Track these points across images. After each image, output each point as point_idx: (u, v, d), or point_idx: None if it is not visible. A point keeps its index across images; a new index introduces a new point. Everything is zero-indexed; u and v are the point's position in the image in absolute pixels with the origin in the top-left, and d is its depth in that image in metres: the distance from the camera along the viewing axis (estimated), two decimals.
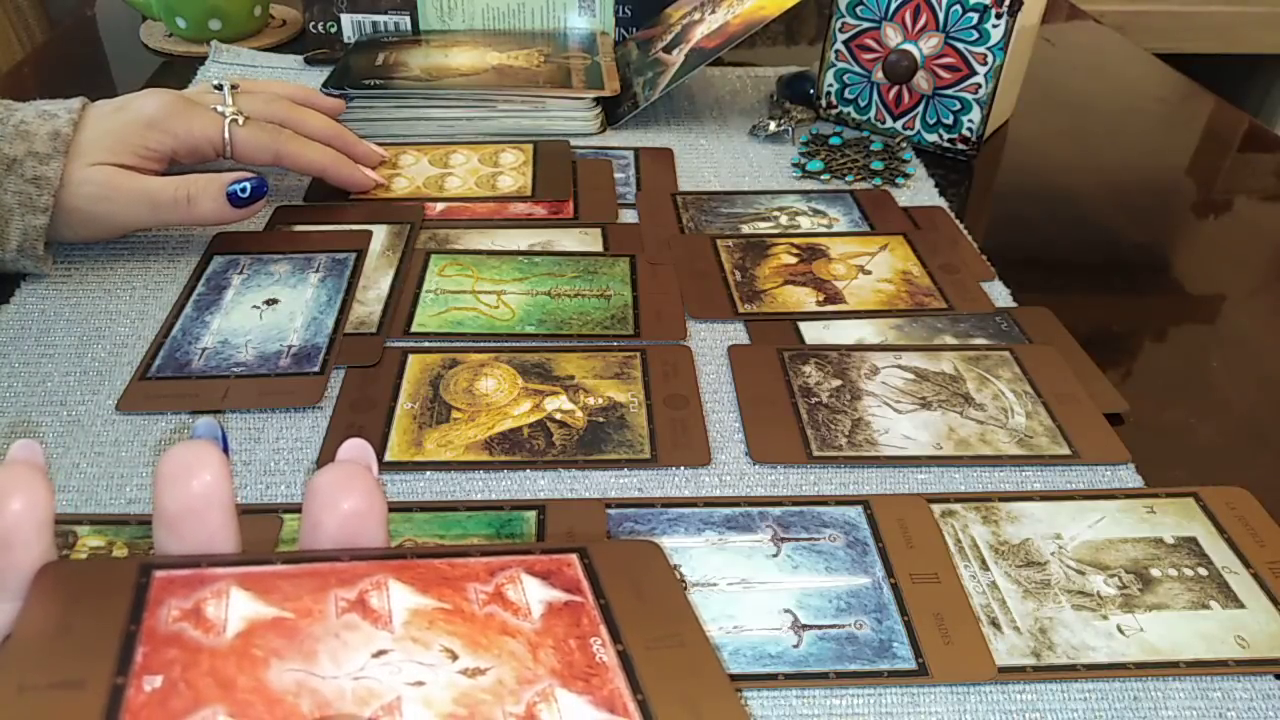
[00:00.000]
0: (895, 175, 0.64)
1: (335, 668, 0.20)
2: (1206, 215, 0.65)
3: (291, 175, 0.61)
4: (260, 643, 0.20)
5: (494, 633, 0.22)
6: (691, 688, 0.22)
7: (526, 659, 0.21)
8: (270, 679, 0.19)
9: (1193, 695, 0.33)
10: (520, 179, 0.62)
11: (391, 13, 0.76)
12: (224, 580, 0.21)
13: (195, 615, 0.20)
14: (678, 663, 0.22)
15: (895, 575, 0.36)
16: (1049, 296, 0.52)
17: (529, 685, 0.21)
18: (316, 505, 0.23)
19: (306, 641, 0.20)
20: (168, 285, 0.51)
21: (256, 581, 0.21)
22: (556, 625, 0.22)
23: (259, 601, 0.21)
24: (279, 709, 0.19)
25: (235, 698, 0.19)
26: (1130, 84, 0.84)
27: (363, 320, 0.48)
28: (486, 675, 0.20)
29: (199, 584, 0.21)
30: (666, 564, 0.25)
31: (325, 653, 0.20)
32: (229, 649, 0.20)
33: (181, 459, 0.22)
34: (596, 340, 0.48)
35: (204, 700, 0.19)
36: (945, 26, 0.63)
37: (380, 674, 0.20)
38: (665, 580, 0.25)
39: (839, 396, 0.45)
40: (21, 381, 0.44)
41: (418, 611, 0.22)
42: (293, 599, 0.21)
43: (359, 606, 0.21)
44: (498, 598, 0.23)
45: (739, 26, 0.66)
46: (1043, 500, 0.40)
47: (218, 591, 0.21)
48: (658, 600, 0.24)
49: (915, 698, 0.32)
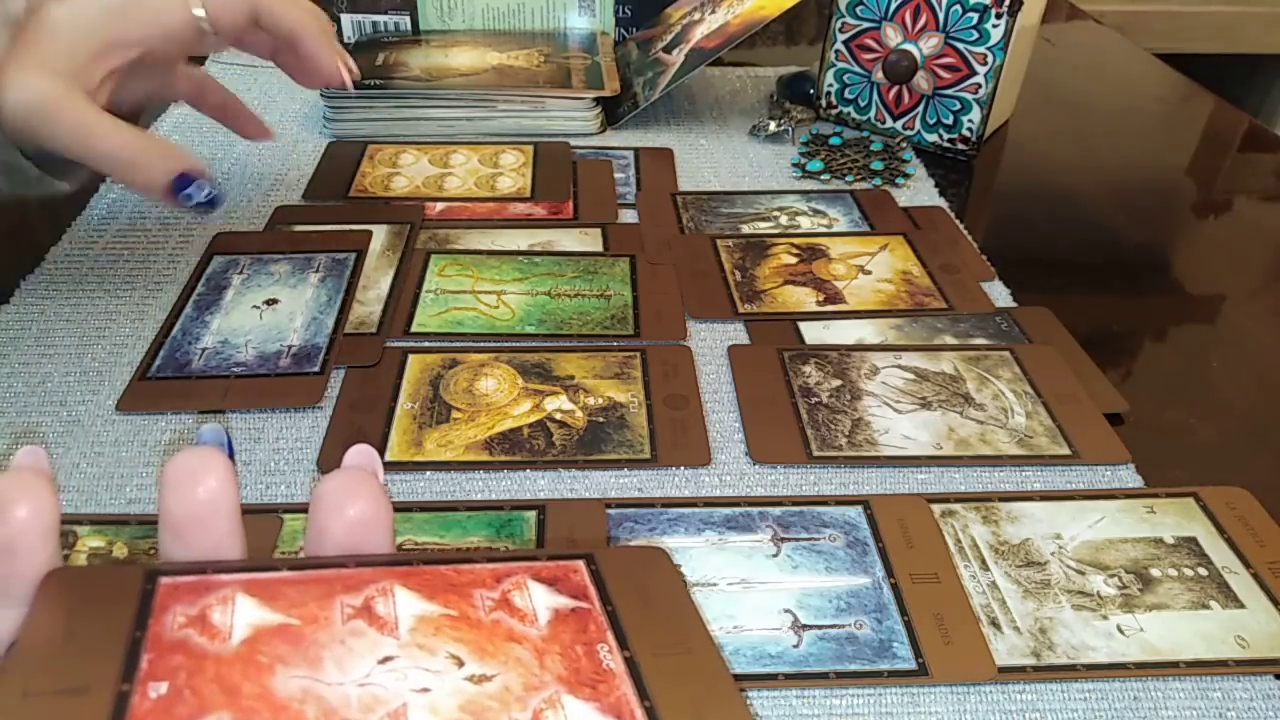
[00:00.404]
0: (895, 175, 0.64)
1: (341, 674, 0.20)
2: (1206, 215, 0.65)
3: (291, 176, 0.61)
4: (266, 649, 0.20)
5: (500, 639, 0.22)
6: (699, 694, 0.22)
7: (533, 665, 0.21)
8: (276, 686, 0.19)
9: (1193, 695, 0.33)
10: (520, 180, 0.62)
11: (391, 13, 0.76)
12: (230, 587, 0.21)
13: (201, 622, 0.20)
14: (685, 669, 0.22)
15: (895, 575, 0.36)
16: (1049, 296, 0.52)
17: (535, 692, 0.20)
18: (323, 511, 0.23)
19: (312, 648, 0.20)
20: (168, 285, 0.51)
21: (262, 588, 0.21)
22: (563, 632, 0.22)
23: (265, 608, 0.21)
24: (284, 716, 0.19)
25: (240, 704, 0.19)
26: (1130, 84, 0.84)
27: (363, 320, 0.48)
28: (493, 682, 0.20)
29: (204, 590, 0.21)
30: (674, 570, 0.25)
31: (331, 659, 0.20)
32: (234, 655, 0.20)
33: (187, 465, 0.22)
34: (596, 340, 0.48)
35: (209, 707, 0.18)
36: (945, 26, 0.63)
37: (386, 681, 0.20)
38: (672, 587, 0.25)
39: (839, 396, 0.45)
40: (21, 381, 0.44)
41: (424, 618, 0.22)
42: (298, 605, 0.21)
43: (365, 613, 0.21)
44: (504, 604, 0.23)
45: (739, 26, 0.66)
46: (1043, 500, 0.40)
47: (223, 598, 0.21)
48: (665, 607, 0.24)
49: (915, 698, 0.32)
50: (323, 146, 0.65)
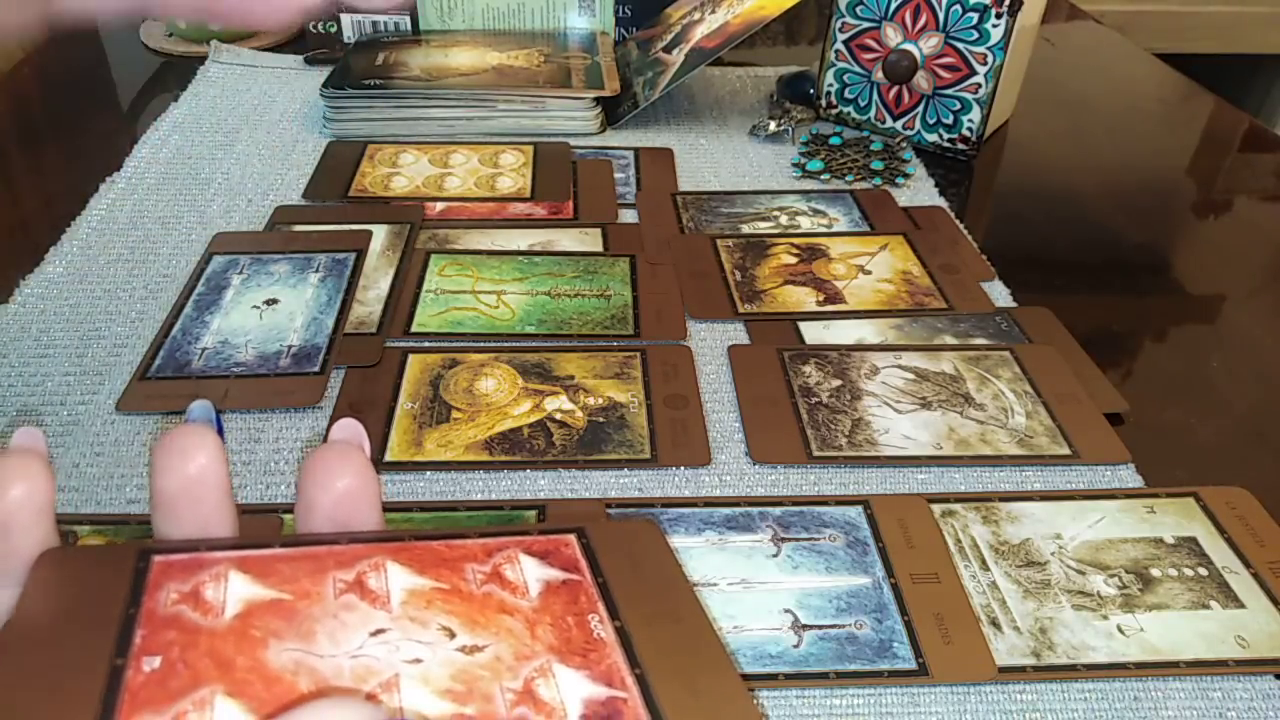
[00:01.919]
0: (895, 175, 0.64)
1: (333, 647, 0.20)
2: (1206, 215, 0.65)
3: (291, 176, 0.61)
4: (258, 624, 0.20)
5: (491, 611, 0.22)
6: (689, 662, 0.22)
7: (524, 636, 0.21)
8: (268, 659, 0.19)
9: (1193, 695, 0.33)
10: (520, 180, 0.62)
11: (392, 13, 0.76)
12: (222, 564, 0.21)
13: (194, 598, 0.21)
14: (675, 638, 0.22)
15: (895, 575, 0.36)
16: (1049, 296, 0.52)
17: (527, 661, 0.21)
18: (310, 485, 0.23)
19: (305, 622, 0.20)
20: (168, 285, 0.51)
21: (255, 564, 0.22)
22: (554, 603, 0.22)
23: (257, 584, 0.21)
24: (277, 687, 0.19)
25: (233, 677, 0.19)
26: (1130, 84, 0.84)
27: (363, 320, 0.48)
28: (484, 652, 0.21)
29: (197, 567, 0.21)
30: (664, 542, 0.25)
31: (323, 633, 0.20)
32: (227, 630, 0.20)
33: (177, 442, 0.22)
34: (596, 340, 0.48)
35: (202, 680, 0.19)
36: (945, 26, 0.63)
37: (378, 652, 0.20)
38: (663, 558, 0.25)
39: (839, 396, 0.45)
40: (21, 381, 0.44)
41: (415, 592, 0.22)
42: (291, 581, 0.21)
43: (357, 587, 0.21)
44: (495, 577, 0.23)
45: (739, 26, 0.66)
46: (1043, 500, 0.40)
47: (216, 574, 0.21)
48: (655, 578, 0.24)
49: (915, 698, 0.32)
50: (323, 146, 0.65)
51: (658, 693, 0.21)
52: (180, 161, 0.63)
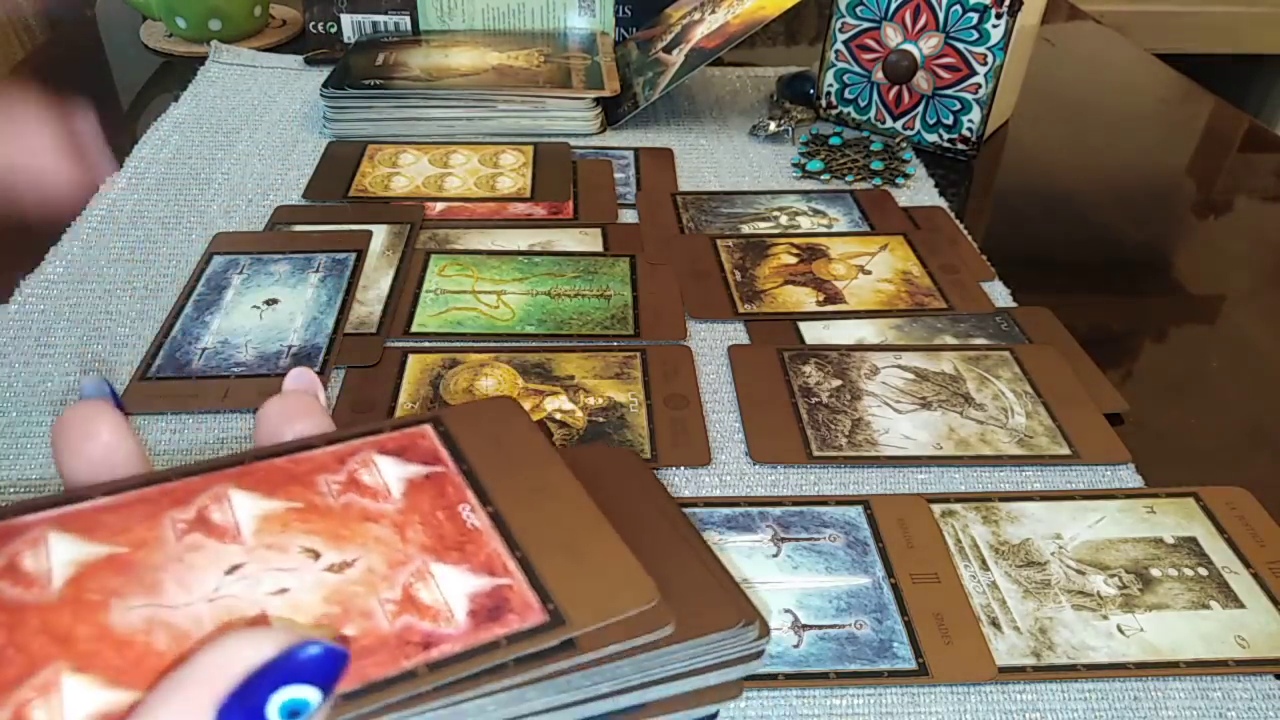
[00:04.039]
0: (895, 175, 0.64)
1: (186, 594, 0.18)
2: (1206, 215, 0.65)
3: (291, 176, 0.61)
4: (94, 586, 0.18)
5: (355, 521, 0.20)
6: (568, 533, 0.21)
7: (394, 541, 0.20)
8: (114, 622, 0.18)
9: (1193, 695, 0.33)
10: (520, 180, 0.62)
11: (391, 13, 0.76)
12: (38, 527, 0.19)
13: (12, 571, 0.18)
14: (550, 511, 0.21)
15: (895, 575, 0.36)
16: (1049, 296, 0.52)
17: (402, 567, 0.20)
18: (265, 434, 0.22)
19: (147, 574, 0.19)
20: (168, 285, 0.51)
21: (76, 521, 0.20)
22: (420, 500, 0.21)
23: (84, 542, 0.19)
24: (130, 651, 0.17)
25: (77, 650, 0.17)
26: (1130, 84, 0.84)
27: (363, 320, 0.48)
28: (354, 567, 0.19)
29: (9, 536, 0.19)
30: (526, 417, 0.24)
31: (171, 581, 0.18)
32: (59, 601, 0.18)
33: (73, 424, 0.21)
34: (596, 340, 0.48)
35: (41, 660, 0.17)
36: (945, 26, 0.63)
37: (238, 590, 0.18)
38: (526, 433, 0.24)
39: (839, 396, 0.45)
40: (21, 381, 0.44)
41: (268, 517, 0.20)
42: (123, 532, 0.19)
43: (200, 524, 0.20)
44: (352, 485, 0.21)
45: (739, 26, 0.66)
46: (1043, 500, 0.40)
47: (33, 540, 0.19)
48: (521, 455, 0.23)
49: (915, 698, 0.32)
50: (322, 146, 0.65)
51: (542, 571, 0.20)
52: (180, 161, 0.63)
